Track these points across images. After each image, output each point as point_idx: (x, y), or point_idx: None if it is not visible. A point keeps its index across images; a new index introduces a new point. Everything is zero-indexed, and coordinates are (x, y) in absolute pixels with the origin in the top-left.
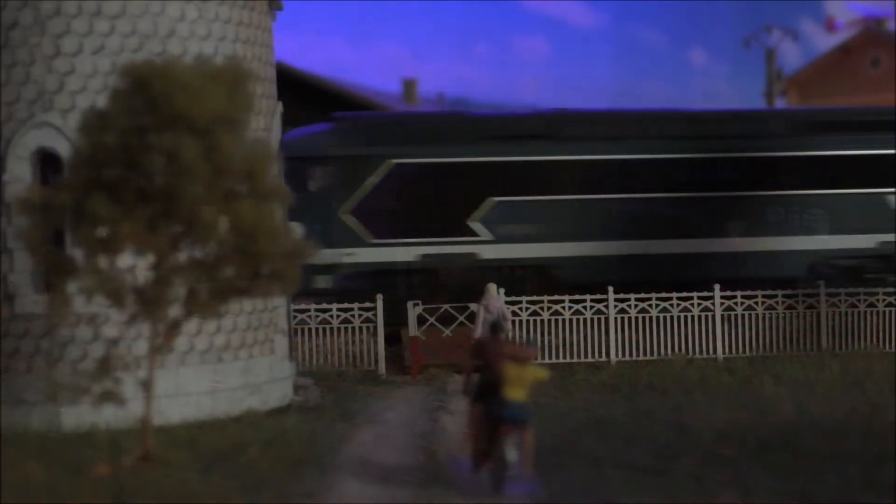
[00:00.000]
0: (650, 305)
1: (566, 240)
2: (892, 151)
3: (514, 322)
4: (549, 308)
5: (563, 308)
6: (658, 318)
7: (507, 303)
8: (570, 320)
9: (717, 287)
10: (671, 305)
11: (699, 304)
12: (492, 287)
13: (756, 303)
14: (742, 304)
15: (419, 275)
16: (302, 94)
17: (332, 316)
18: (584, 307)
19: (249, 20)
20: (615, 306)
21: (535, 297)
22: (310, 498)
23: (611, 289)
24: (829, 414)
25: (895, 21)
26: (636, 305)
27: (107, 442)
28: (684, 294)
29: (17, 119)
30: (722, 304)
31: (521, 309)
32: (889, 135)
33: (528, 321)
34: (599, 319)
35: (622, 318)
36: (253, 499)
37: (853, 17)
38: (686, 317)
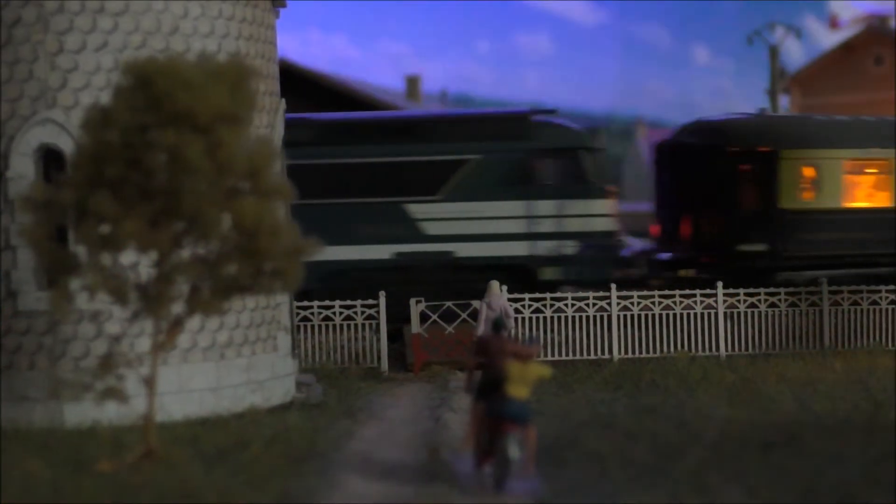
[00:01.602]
0: (653, 303)
1: None
2: (407, 159)
3: (516, 319)
4: (551, 305)
5: (566, 305)
6: (661, 315)
7: (509, 300)
8: (573, 317)
9: (720, 284)
10: (674, 303)
11: (702, 302)
12: (494, 284)
13: (759, 300)
14: (745, 301)
15: None
16: (305, 91)
17: (334, 313)
18: (587, 304)
19: (252, 17)
20: (618, 303)
21: (537, 295)
22: (312, 495)
23: (613, 286)
24: (832, 412)
25: None
26: (639, 303)
27: (109, 439)
28: (687, 291)
29: (20, 116)
30: (725, 301)
31: (523, 306)
32: (405, 142)
33: (530, 318)
34: (602, 317)
35: (625, 316)
36: (255, 496)
37: (856, 14)
38: (689, 314)
